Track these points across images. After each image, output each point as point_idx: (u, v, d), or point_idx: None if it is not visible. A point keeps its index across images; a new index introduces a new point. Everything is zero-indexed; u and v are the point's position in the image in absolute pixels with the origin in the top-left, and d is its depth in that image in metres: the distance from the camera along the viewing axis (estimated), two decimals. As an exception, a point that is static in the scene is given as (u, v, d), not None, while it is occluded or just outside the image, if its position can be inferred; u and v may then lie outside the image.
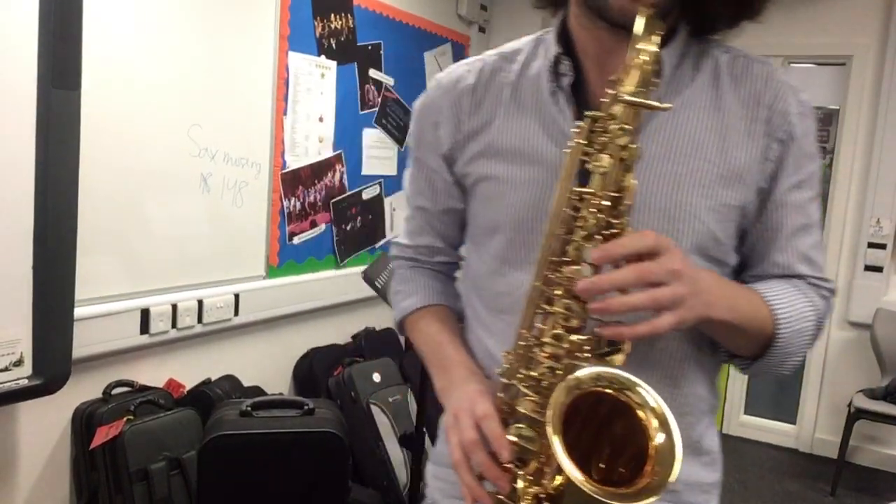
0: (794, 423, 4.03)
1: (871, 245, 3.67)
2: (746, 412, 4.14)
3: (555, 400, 0.68)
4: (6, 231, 1.67)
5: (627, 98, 0.70)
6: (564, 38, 0.88)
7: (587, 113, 0.74)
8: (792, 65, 3.92)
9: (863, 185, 3.69)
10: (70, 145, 1.74)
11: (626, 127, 0.71)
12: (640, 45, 0.70)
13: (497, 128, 0.91)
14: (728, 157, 0.83)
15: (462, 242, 1.05)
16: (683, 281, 0.71)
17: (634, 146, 0.71)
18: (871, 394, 3.43)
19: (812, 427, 3.93)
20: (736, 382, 4.10)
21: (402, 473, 2.71)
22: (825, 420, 3.90)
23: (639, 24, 0.71)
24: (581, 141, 0.74)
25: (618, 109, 0.71)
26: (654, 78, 0.72)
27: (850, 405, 3.46)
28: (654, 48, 0.70)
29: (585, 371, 0.71)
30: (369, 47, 3.15)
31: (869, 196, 3.66)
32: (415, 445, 2.30)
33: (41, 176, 1.69)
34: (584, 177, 0.74)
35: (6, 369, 1.70)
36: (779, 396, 4.23)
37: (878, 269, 3.66)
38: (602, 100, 0.73)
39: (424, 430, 2.33)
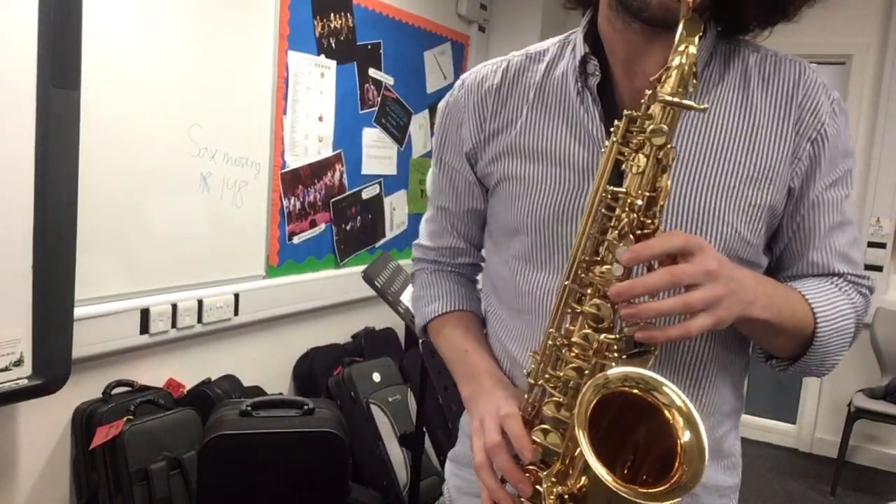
0: (794, 422, 4.03)
1: (871, 245, 3.67)
2: (746, 412, 4.11)
3: (582, 400, 0.68)
4: (6, 231, 1.67)
5: (667, 98, 0.69)
6: (592, 38, 0.88)
7: (626, 112, 0.73)
8: (792, 64, 3.92)
9: (863, 185, 3.69)
10: (70, 145, 1.74)
11: (664, 127, 0.70)
12: (680, 47, 0.70)
13: (521, 127, 0.90)
14: (756, 158, 0.82)
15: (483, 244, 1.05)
16: (719, 281, 0.69)
17: (671, 147, 0.70)
18: (871, 393, 3.43)
19: (812, 427, 3.94)
20: (736, 382, 4.10)
21: (402, 473, 2.71)
22: (825, 420, 3.90)
23: (680, 27, 0.71)
24: (617, 140, 0.73)
25: (656, 110, 0.71)
26: (693, 79, 0.71)
27: (850, 405, 3.46)
28: (694, 50, 0.70)
29: (613, 371, 0.70)
30: (369, 47, 3.15)
31: (869, 196, 3.66)
32: (415, 445, 2.30)
33: (41, 176, 1.69)
34: (617, 176, 0.74)
35: (6, 369, 1.70)
36: (779, 396, 4.23)
37: (878, 269, 3.66)
38: (642, 101, 0.73)
39: (424, 429, 2.33)
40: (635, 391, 0.70)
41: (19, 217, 1.68)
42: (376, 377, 2.87)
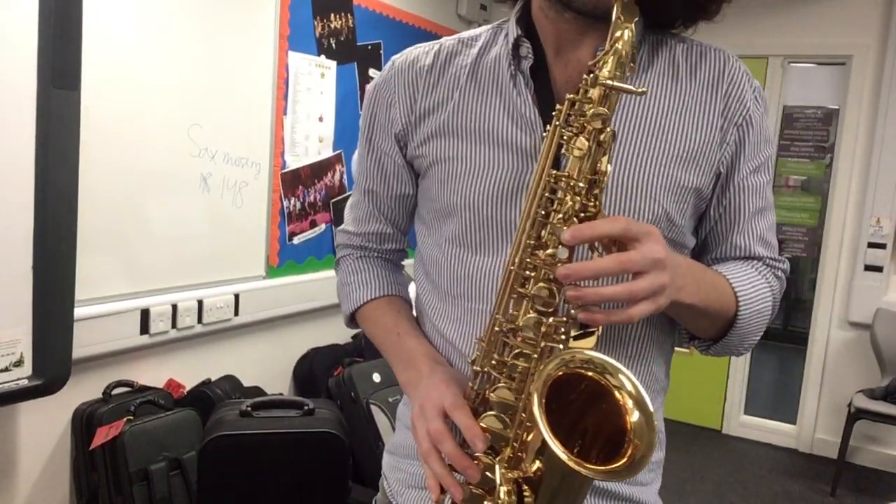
0: (794, 423, 4.03)
1: (871, 245, 3.67)
2: (746, 412, 4.14)
3: (536, 383, 0.68)
4: (6, 231, 1.67)
5: (606, 82, 0.70)
6: (525, 23, 0.88)
7: (568, 96, 0.74)
8: (792, 65, 3.92)
9: (863, 185, 3.69)
10: (70, 145, 1.74)
11: (605, 111, 0.70)
12: (616, 32, 0.71)
13: (454, 108, 0.89)
14: (685, 140, 0.83)
15: (410, 229, 1.03)
16: (666, 270, 0.70)
17: (610, 129, 0.71)
18: (871, 394, 3.43)
19: (812, 427, 3.93)
20: (736, 382, 4.10)
21: (402, 473, 2.70)
22: (825, 420, 3.90)
23: (616, 11, 0.71)
24: (560, 123, 0.74)
25: (594, 93, 0.71)
26: (631, 63, 0.72)
27: (850, 405, 3.46)
28: (630, 35, 0.71)
29: (564, 354, 0.71)
30: (369, 47, 3.15)
31: (869, 196, 3.66)
32: (415, 445, 2.30)
33: (41, 176, 1.69)
34: (557, 159, 0.74)
35: (6, 369, 1.70)
36: (779, 396, 4.23)
37: (878, 269, 3.66)
38: (580, 84, 0.73)
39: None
40: (589, 374, 0.70)
41: (19, 217, 1.68)
42: (376, 377, 2.87)
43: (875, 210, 3.65)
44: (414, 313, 1.01)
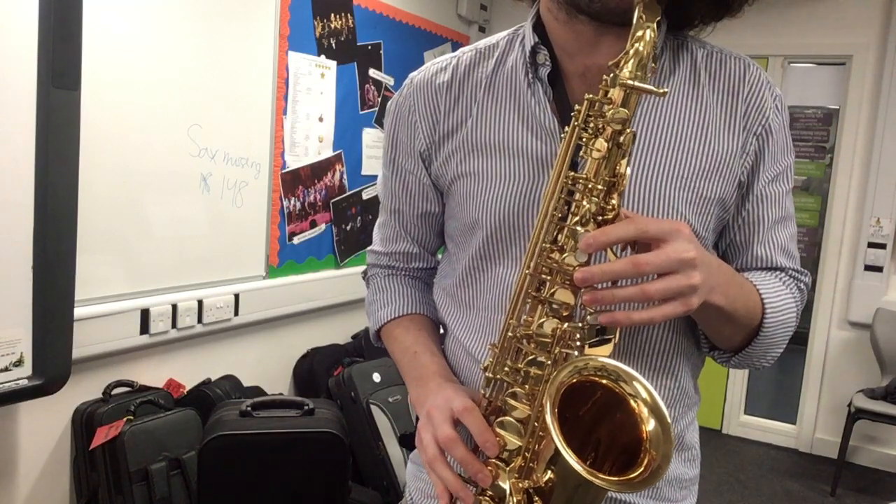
0: (794, 423, 4.03)
1: (871, 245, 3.67)
2: (746, 412, 4.14)
3: (549, 391, 0.67)
4: (6, 231, 1.67)
5: (627, 82, 0.68)
6: (541, 28, 0.87)
7: (587, 96, 0.72)
8: (792, 65, 3.92)
9: (863, 185, 3.69)
10: (70, 145, 1.74)
11: (625, 111, 0.69)
12: (638, 32, 0.69)
13: (473, 123, 0.88)
14: (708, 150, 0.82)
15: (438, 248, 1.03)
16: (698, 269, 0.67)
17: (630, 130, 0.69)
18: (871, 394, 3.43)
19: (812, 427, 3.93)
20: (736, 382, 4.11)
21: (402, 473, 2.71)
22: (825, 420, 3.90)
23: (637, 10, 0.70)
24: (579, 124, 0.72)
25: (615, 93, 0.70)
26: (652, 63, 0.70)
27: (850, 405, 3.46)
28: (653, 34, 0.69)
29: (577, 361, 0.69)
30: (369, 47, 3.15)
31: (869, 196, 3.66)
32: (415, 445, 2.30)
33: (41, 176, 1.69)
34: (576, 162, 0.73)
35: (6, 369, 1.70)
36: (779, 396, 4.23)
37: (878, 269, 3.66)
38: (600, 85, 0.72)
39: (424, 430, 2.33)
40: (603, 381, 0.68)
41: (19, 217, 1.68)
42: (376, 377, 2.87)
43: (875, 210, 3.65)
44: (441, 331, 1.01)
